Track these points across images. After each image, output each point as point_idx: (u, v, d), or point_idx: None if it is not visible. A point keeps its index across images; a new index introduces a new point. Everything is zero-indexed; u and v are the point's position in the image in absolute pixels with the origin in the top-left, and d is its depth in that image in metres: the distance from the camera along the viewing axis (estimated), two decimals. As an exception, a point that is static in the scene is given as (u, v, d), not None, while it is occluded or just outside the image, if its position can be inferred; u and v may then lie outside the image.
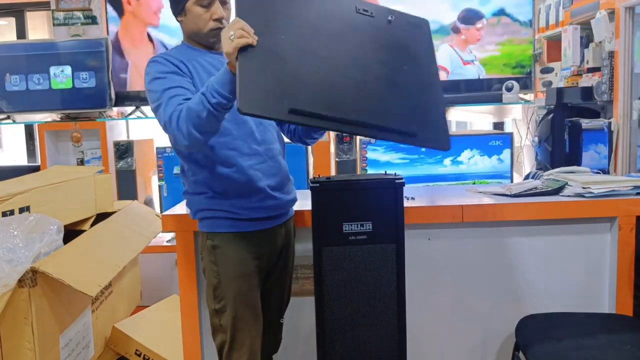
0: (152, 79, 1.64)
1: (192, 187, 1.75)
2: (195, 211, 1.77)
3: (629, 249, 2.04)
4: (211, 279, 1.74)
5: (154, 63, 1.68)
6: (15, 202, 2.29)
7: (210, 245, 1.73)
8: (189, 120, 1.52)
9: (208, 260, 1.74)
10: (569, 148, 3.03)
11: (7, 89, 3.65)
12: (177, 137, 1.56)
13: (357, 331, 1.69)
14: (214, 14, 1.70)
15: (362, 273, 1.67)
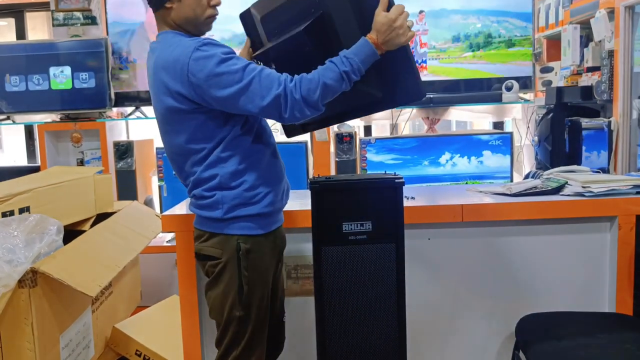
0: (220, 60, 1.52)
1: (226, 180, 1.63)
2: (228, 209, 1.65)
3: (629, 248, 2.04)
4: (237, 286, 1.65)
5: (209, 46, 1.55)
6: (15, 203, 2.29)
7: (245, 249, 1.65)
8: (323, 91, 1.52)
9: (235, 265, 1.65)
10: (568, 147, 3.03)
11: (7, 89, 3.65)
12: (300, 107, 1.52)
13: (357, 331, 1.69)
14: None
15: (361, 273, 1.67)
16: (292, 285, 2.13)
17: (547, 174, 2.33)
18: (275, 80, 1.54)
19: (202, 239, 1.70)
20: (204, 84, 1.52)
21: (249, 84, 1.52)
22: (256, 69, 1.54)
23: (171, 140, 1.68)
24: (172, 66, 1.55)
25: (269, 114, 1.57)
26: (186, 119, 1.61)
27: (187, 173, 1.70)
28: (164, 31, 1.67)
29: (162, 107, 1.63)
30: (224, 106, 1.57)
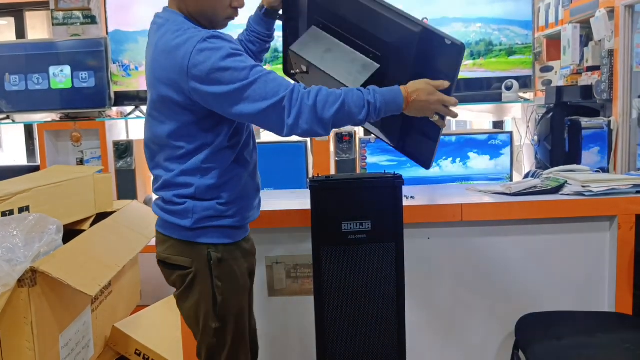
0: (227, 54, 1.42)
1: (201, 192, 1.54)
2: (198, 219, 1.55)
3: (629, 248, 2.04)
4: (211, 297, 1.57)
5: (218, 39, 1.44)
6: (14, 202, 2.28)
7: (216, 258, 1.56)
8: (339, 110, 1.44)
9: (207, 275, 1.56)
10: (568, 147, 3.03)
11: (7, 88, 3.65)
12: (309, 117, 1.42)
13: (357, 330, 1.69)
14: (236, 1, 1.55)
15: (361, 272, 1.67)
16: (291, 284, 2.13)
17: (547, 173, 2.33)
18: (283, 84, 1.44)
19: (167, 245, 1.60)
20: (205, 77, 1.41)
21: (252, 83, 1.42)
22: (264, 71, 1.45)
23: (153, 127, 1.58)
24: (174, 52, 1.44)
25: (268, 119, 1.45)
26: (175, 112, 1.51)
27: (157, 164, 1.61)
28: (174, 11, 1.55)
29: (155, 92, 1.53)
30: (217, 105, 1.46)
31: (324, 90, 1.45)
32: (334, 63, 1.62)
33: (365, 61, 1.60)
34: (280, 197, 2.48)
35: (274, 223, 2.06)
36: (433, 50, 1.53)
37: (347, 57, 1.62)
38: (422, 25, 1.52)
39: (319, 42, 1.66)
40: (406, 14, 1.54)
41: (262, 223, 2.06)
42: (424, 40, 1.52)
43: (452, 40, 1.49)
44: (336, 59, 1.62)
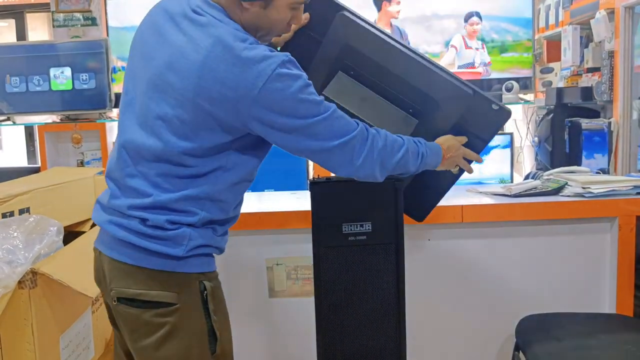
0: (305, 85, 1.26)
1: (203, 223, 1.33)
2: (192, 247, 1.31)
3: (629, 249, 2.04)
4: (208, 335, 1.34)
5: (294, 66, 1.27)
6: (15, 204, 2.28)
7: (210, 288, 1.34)
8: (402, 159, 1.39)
9: (201, 310, 1.33)
10: (568, 148, 3.03)
11: (7, 90, 3.65)
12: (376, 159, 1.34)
13: (357, 331, 1.69)
14: (295, 18, 1.39)
15: (361, 273, 1.67)
16: (292, 286, 2.13)
17: (547, 174, 2.33)
18: (351, 122, 1.33)
19: (139, 277, 1.30)
20: (277, 106, 1.23)
21: (325, 119, 1.28)
22: (332, 106, 1.31)
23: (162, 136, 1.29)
24: (244, 67, 1.21)
25: (334, 157, 1.32)
26: (211, 130, 1.27)
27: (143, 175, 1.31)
28: (221, 9, 1.30)
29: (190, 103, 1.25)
30: (280, 138, 1.29)
31: (389, 134, 1.39)
32: (374, 113, 1.58)
33: (402, 114, 1.60)
34: (280, 199, 2.48)
35: (274, 224, 2.07)
36: (478, 111, 1.57)
37: (384, 109, 1.59)
38: (474, 89, 1.56)
39: (351, 89, 1.60)
40: (456, 76, 1.59)
41: (262, 224, 2.07)
42: (473, 102, 1.56)
43: (500, 105, 1.56)
44: (374, 109, 1.59)
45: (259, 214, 2.10)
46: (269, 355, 2.15)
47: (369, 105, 1.58)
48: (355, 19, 1.57)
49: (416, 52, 1.58)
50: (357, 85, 1.60)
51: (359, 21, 1.57)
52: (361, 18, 1.59)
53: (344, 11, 1.57)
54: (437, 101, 1.57)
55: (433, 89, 1.56)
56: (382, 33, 1.58)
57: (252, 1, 1.28)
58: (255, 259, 2.12)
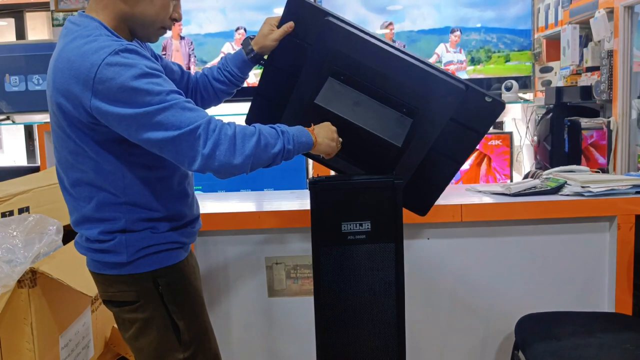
0: (140, 74, 1.25)
1: (132, 224, 1.39)
2: (133, 252, 1.39)
3: (628, 248, 2.04)
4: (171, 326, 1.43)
5: (133, 54, 1.27)
6: (14, 203, 2.28)
7: (164, 283, 1.41)
8: (258, 145, 1.32)
9: (160, 303, 1.41)
10: (568, 147, 3.03)
11: (7, 89, 3.65)
12: (227, 147, 1.28)
13: (356, 331, 1.69)
14: (176, 12, 1.42)
15: (360, 272, 1.67)
16: (291, 285, 2.13)
17: (547, 173, 2.33)
18: (200, 114, 1.29)
19: (106, 283, 1.45)
20: (111, 95, 1.24)
21: (165, 109, 1.25)
22: (181, 98, 1.29)
23: (56, 143, 1.41)
24: (79, 62, 1.26)
25: (179, 149, 1.27)
26: (77, 128, 1.33)
27: (67, 190, 1.43)
28: (91, 16, 1.36)
29: (55, 104, 1.37)
30: (122, 128, 1.28)
31: (239, 124, 1.35)
32: (368, 116, 1.57)
33: (397, 115, 1.58)
34: (280, 198, 2.48)
35: (273, 224, 2.07)
36: (472, 105, 1.57)
37: (378, 111, 1.58)
38: (466, 83, 1.56)
39: (343, 95, 1.58)
40: (448, 72, 1.58)
41: (262, 223, 2.07)
42: (467, 96, 1.55)
43: (493, 98, 1.56)
44: (368, 112, 1.57)
45: (258, 213, 2.11)
46: (268, 354, 2.16)
47: (363, 109, 1.57)
48: (341, 24, 1.56)
49: (405, 52, 1.57)
50: (348, 89, 1.59)
51: (345, 26, 1.56)
52: (347, 22, 1.58)
53: (329, 17, 1.56)
54: (431, 98, 1.57)
55: (425, 87, 1.55)
56: (369, 35, 1.56)
57: None
58: (254, 258, 2.12)
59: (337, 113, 1.54)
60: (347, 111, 1.56)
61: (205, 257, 2.11)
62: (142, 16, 1.37)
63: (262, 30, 1.64)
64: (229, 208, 2.24)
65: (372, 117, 1.57)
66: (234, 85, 1.71)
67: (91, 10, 1.38)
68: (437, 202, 2.12)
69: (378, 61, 1.55)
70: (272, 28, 1.63)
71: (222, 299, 2.14)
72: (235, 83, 1.70)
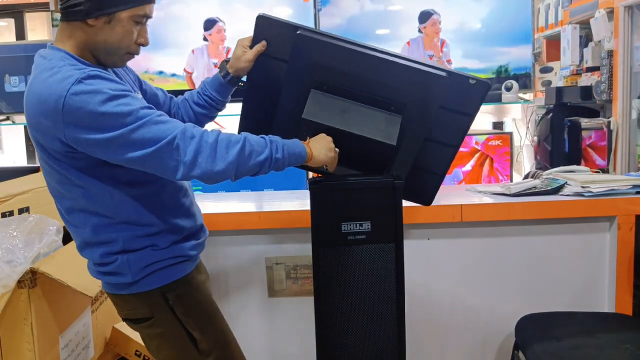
0: (107, 98, 1.25)
1: (130, 244, 1.41)
2: (137, 271, 1.41)
3: (628, 248, 2.04)
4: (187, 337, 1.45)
5: (96, 79, 1.28)
6: (14, 203, 2.28)
7: (174, 297, 1.44)
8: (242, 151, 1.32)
9: (173, 318, 1.44)
10: (568, 147, 3.03)
11: (7, 90, 3.65)
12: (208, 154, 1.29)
13: (357, 331, 1.69)
14: (142, 37, 1.41)
15: (361, 273, 1.67)
16: (291, 285, 2.13)
17: (547, 174, 2.33)
18: (175, 124, 1.30)
19: (122, 302, 1.49)
20: (82, 123, 1.25)
21: (139, 127, 1.26)
22: (153, 112, 1.30)
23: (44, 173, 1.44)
24: (45, 95, 1.27)
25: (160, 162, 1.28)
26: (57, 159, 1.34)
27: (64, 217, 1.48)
28: (58, 48, 1.40)
29: (33, 138, 1.37)
30: (101, 152, 1.29)
31: (222, 132, 1.35)
32: (357, 122, 1.56)
33: (385, 114, 1.58)
34: (280, 198, 2.48)
35: (273, 224, 2.07)
36: (457, 90, 1.56)
37: (366, 114, 1.58)
38: (446, 70, 1.55)
39: (329, 105, 1.58)
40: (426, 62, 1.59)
41: (262, 224, 2.07)
42: (450, 83, 1.55)
43: (477, 79, 1.55)
44: (357, 117, 1.57)
45: (258, 213, 2.11)
46: (268, 354, 2.16)
47: (351, 115, 1.57)
48: (313, 35, 1.55)
49: (382, 50, 1.55)
50: (333, 98, 1.58)
51: (317, 36, 1.55)
52: (318, 32, 1.58)
53: (300, 30, 1.55)
54: (415, 92, 1.56)
55: (408, 82, 1.55)
56: (342, 41, 1.55)
57: (97, 17, 1.33)
58: (254, 258, 2.12)
59: (327, 124, 1.54)
60: (337, 120, 1.55)
61: (206, 258, 2.10)
62: (104, 44, 1.37)
63: (235, 53, 1.64)
64: (229, 208, 2.24)
65: (362, 121, 1.56)
66: (215, 109, 1.71)
67: (58, 41, 1.42)
68: (437, 202, 2.13)
69: (356, 65, 1.55)
70: (244, 49, 1.62)
71: (222, 299, 2.14)
72: (216, 107, 1.70)
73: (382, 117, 1.58)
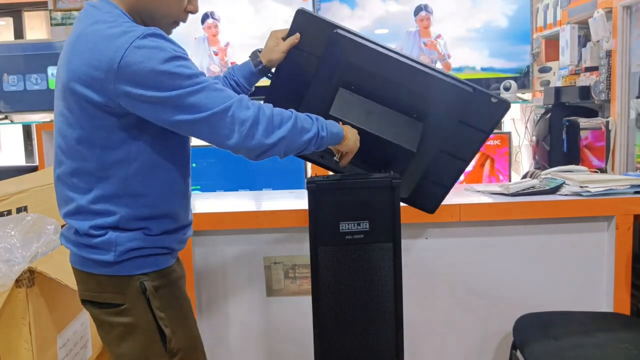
0: (170, 57, 1.23)
1: (126, 222, 1.34)
2: (122, 252, 1.34)
3: (626, 248, 2.04)
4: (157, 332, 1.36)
5: (159, 38, 1.24)
6: (12, 202, 2.28)
7: (151, 287, 1.35)
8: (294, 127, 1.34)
9: (146, 309, 1.35)
10: (566, 147, 3.04)
11: (5, 89, 3.65)
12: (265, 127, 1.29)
13: (355, 330, 1.69)
14: (192, 4, 1.39)
15: (359, 272, 1.67)
16: (289, 284, 2.13)
17: (545, 173, 2.34)
18: (232, 95, 1.30)
19: (90, 283, 1.40)
20: (139, 79, 1.21)
21: (197, 91, 1.24)
22: (211, 79, 1.29)
23: (61, 128, 1.33)
24: (103, 45, 1.22)
25: (213, 128, 1.27)
26: (90, 114, 1.27)
27: (65, 177, 1.36)
28: (113, 3, 1.32)
29: (67, 88, 1.28)
30: (151, 112, 1.26)
31: (275, 107, 1.36)
32: (381, 124, 1.61)
33: (407, 120, 1.62)
34: (278, 197, 2.48)
35: (272, 223, 2.07)
36: (478, 106, 1.61)
37: (390, 117, 1.62)
38: (473, 86, 1.59)
39: (355, 104, 1.62)
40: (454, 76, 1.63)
41: (260, 223, 2.07)
42: (474, 98, 1.59)
43: (499, 98, 1.61)
44: (381, 120, 1.61)
45: (256, 212, 2.10)
46: (266, 354, 2.16)
47: (375, 117, 1.61)
48: (350, 36, 1.59)
49: (412, 59, 1.61)
50: (359, 99, 1.62)
51: (354, 37, 1.59)
52: (355, 33, 1.61)
53: (337, 29, 1.59)
54: (440, 102, 1.61)
55: (435, 92, 1.60)
56: (378, 45, 1.60)
57: None
58: (253, 257, 2.12)
59: (354, 123, 1.57)
60: (362, 120, 1.60)
61: (204, 257, 2.11)
62: (153, 9, 1.34)
63: (269, 44, 1.65)
64: (228, 207, 2.24)
65: (385, 124, 1.61)
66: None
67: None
68: (436, 201, 2.13)
69: (388, 70, 1.59)
70: (278, 41, 1.64)
71: (220, 299, 2.13)
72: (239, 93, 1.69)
73: (405, 123, 1.62)
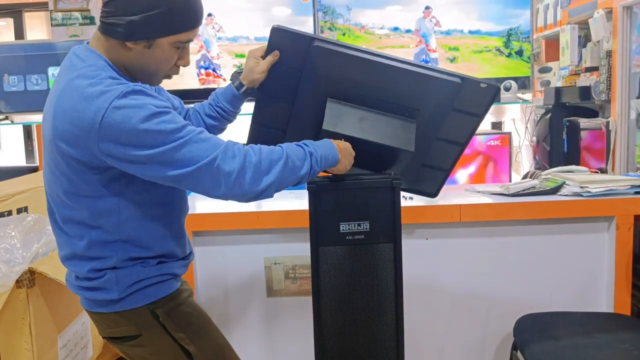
0: (150, 114, 1.21)
1: (122, 262, 1.35)
2: (124, 288, 1.35)
3: (627, 248, 2.04)
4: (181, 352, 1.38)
5: (140, 94, 1.24)
6: (13, 203, 2.28)
7: (163, 314, 1.37)
8: (285, 168, 1.32)
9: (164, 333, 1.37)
10: (567, 147, 3.04)
11: (6, 89, 3.65)
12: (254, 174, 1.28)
13: (355, 331, 1.69)
14: (182, 59, 1.37)
15: (359, 273, 1.67)
16: (290, 285, 2.13)
17: (545, 174, 2.34)
18: (218, 142, 1.28)
19: (104, 321, 1.41)
20: (121, 138, 1.21)
21: (181, 146, 1.23)
22: (195, 130, 1.26)
23: (48, 177, 1.38)
24: (84, 104, 1.22)
25: (200, 180, 1.26)
26: (74, 168, 1.29)
27: (58, 224, 1.41)
28: (96, 52, 1.33)
29: (52, 144, 1.30)
30: (135, 169, 1.26)
31: (264, 147, 1.34)
32: (375, 130, 1.59)
33: (400, 120, 1.61)
34: (278, 198, 2.48)
35: (272, 224, 2.07)
36: (469, 93, 1.60)
37: (382, 121, 1.60)
38: (460, 76, 1.58)
39: (346, 114, 1.60)
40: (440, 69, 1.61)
41: (260, 223, 2.07)
42: (463, 87, 1.59)
43: (488, 83, 1.59)
44: (374, 125, 1.60)
45: (257, 213, 2.11)
46: (267, 354, 2.16)
47: (368, 124, 1.59)
48: (329, 47, 1.56)
49: (395, 58, 1.57)
50: (349, 107, 1.60)
51: (334, 47, 1.56)
52: (334, 42, 1.59)
53: (316, 41, 1.56)
54: (430, 98, 1.60)
55: (423, 88, 1.58)
56: (359, 51, 1.57)
57: (136, 41, 1.28)
58: (253, 258, 2.12)
59: (349, 134, 1.56)
60: (356, 129, 1.58)
61: (204, 257, 2.11)
62: (141, 66, 1.33)
63: (248, 64, 1.61)
64: (228, 208, 2.24)
65: (379, 129, 1.59)
66: (226, 121, 1.69)
67: (96, 46, 1.35)
68: (436, 202, 2.13)
69: (371, 74, 1.57)
70: (257, 60, 1.59)
71: (220, 299, 2.14)
72: (227, 118, 1.68)
73: (398, 124, 1.61)
